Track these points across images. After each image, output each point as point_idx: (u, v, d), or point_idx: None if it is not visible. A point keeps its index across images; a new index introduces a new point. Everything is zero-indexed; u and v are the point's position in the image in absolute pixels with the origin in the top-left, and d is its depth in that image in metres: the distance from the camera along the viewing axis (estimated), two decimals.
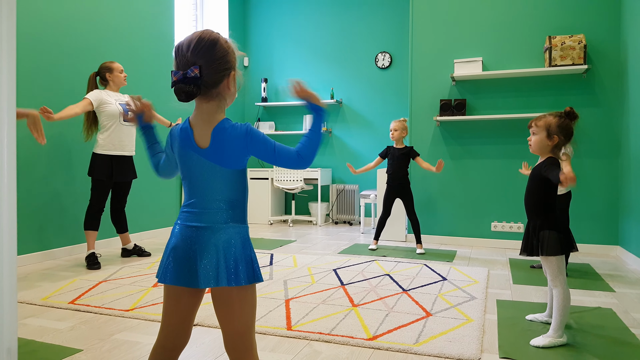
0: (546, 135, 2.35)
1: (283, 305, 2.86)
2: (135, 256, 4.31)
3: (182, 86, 1.26)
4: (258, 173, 6.83)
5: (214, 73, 1.30)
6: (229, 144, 1.31)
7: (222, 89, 1.33)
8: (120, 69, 4.04)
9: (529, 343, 2.28)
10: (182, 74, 1.26)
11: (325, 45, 7.09)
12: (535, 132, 2.37)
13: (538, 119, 2.39)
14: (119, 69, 4.03)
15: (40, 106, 4.02)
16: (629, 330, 2.49)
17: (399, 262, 4.17)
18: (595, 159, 4.72)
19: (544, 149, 2.37)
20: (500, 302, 2.99)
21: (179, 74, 1.27)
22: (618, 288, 3.35)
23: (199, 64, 1.27)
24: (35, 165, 4.01)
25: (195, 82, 1.26)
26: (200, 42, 1.28)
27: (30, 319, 2.63)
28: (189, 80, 1.26)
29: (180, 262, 1.30)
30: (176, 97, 1.29)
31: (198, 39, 1.29)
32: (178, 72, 1.27)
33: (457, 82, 5.16)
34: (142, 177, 5.15)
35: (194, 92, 1.27)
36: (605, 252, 4.68)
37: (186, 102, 1.29)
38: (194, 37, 1.30)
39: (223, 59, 1.31)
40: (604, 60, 4.71)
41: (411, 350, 2.18)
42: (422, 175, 5.26)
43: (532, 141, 2.39)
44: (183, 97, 1.28)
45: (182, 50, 1.29)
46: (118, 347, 2.24)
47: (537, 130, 2.37)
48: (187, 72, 1.26)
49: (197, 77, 1.26)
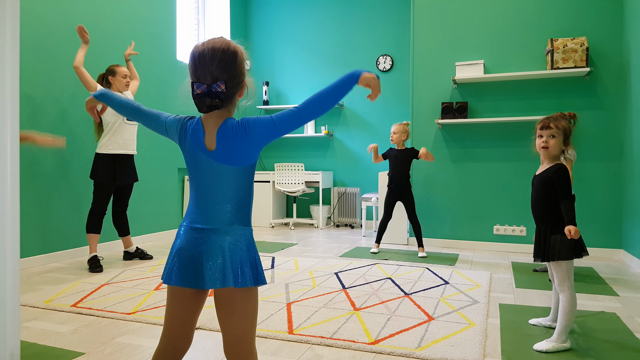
0: (563, 140, 2.33)
1: (284, 308, 2.85)
2: (137, 259, 4.31)
3: (207, 100, 1.28)
4: (260, 176, 6.83)
5: (235, 86, 1.33)
6: (235, 141, 1.32)
7: (236, 97, 1.37)
8: (124, 74, 4.05)
9: (532, 348, 2.27)
10: (206, 87, 1.28)
11: (326, 48, 7.09)
12: (556, 135, 2.32)
13: (557, 121, 2.34)
14: (122, 74, 4.04)
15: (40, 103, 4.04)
16: (633, 334, 2.48)
17: (400, 265, 4.16)
18: (597, 162, 4.71)
19: (557, 154, 2.36)
20: (503, 306, 2.98)
21: (202, 87, 1.28)
22: (622, 292, 3.33)
23: (224, 78, 1.29)
24: (38, 168, 4.01)
25: (220, 96, 1.29)
26: (224, 55, 1.30)
27: (33, 322, 2.62)
28: (214, 95, 1.28)
29: (185, 264, 1.31)
30: (197, 108, 1.31)
31: (222, 52, 1.30)
32: (202, 85, 1.28)
33: (458, 84, 5.15)
34: (144, 180, 5.15)
35: (219, 106, 1.30)
36: (609, 255, 4.66)
37: (206, 113, 1.32)
38: (218, 48, 1.30)
39: (241, 72, 1.35)
40: (606, 62, 4.70)
41: (413, 354, 2.17)
42: (423, 178, 5.26)
43: (551, 144, 2.32)
44: (205, 109, 1.30)
45: (204, 61, 1.29)
46: (120, 350, 2.24)
47: (557, 134, 2.32)
48: (212, 87, 1.28)
49: (223, 92, 1.29)
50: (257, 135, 1.32)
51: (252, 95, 1.42)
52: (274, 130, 1.32)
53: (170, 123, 1.42)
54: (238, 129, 1.32)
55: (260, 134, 1.32)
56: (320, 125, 7.12)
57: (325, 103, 1.33)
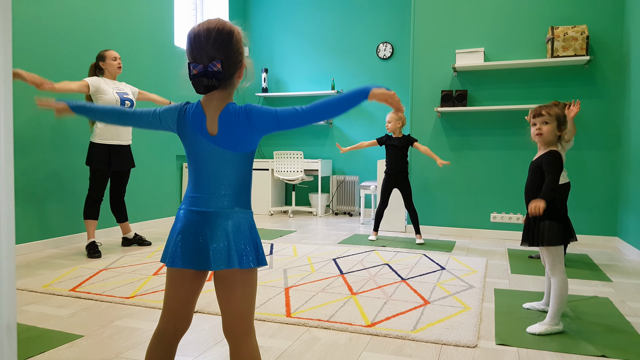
0: (557, 126, 2.34)
1: (283, 293, 2.88)
2: (135, 245, 4.33)
3: (203, 80, 1.28)
4: (259, 164, 6.83)
5: (232, 66, 1.32)
6: (236, 127, 1.32)
7: (235, 78, 1.36)
8: (113, 57, 4.01)
9: (525, 330, 2.30)
10: (202, 67, 1.28)
11: (326, 35, 7.07)
12: (548, 122, 2.34)
13: (549, 107, 2.35)
14: (111, 57, 4.00)
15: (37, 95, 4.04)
16: (624, 318, 2.51)
17: (398, 252, 4.19)
18: (595, 150, 4.72)
19: (552, 140, 2.37)
20: (498, 290, 3.00)
21: (199, 67, 1.28)
22: (615, 278, 3.36)
23: (219, 58, 1.29)
24: (35, 154, 4.02)
25: (216, 76, 1.28)
26: (219, 35, 1.29)
27: (32, 305, 2.65)
28: (211, 74, 1.28)
29: (189, 245, 1.32)
30: (195, 89, 1.31)
31: (217, 32, 1.29)
32: (198, 66, 1.28)
33: (458, 72, 5.15)
34: (142, 166, 5.16)
35: (215, 86, 1.30)
36: (604, 243, 4.69)
37: (204, 94, 1.32)
38: (213, 28, 1.30)
39: (239, 52, 1.34)
40: (606, 51, 4.70)
41: (409, 336, 2.20)
42: (421, 165, 5.27)
43: (545, 130, 2.34)
44: (202, 90, 1.30)
45: (200, 41, 1.29)
46: (119, 333, 2.27)
47: (550, 120, 2.34)
48: (209, 67, 1.28)
49: (219, 71, 1.28)
50: (259, 125, 1.33)
51: (251, 76, 1.42)
52: (276, 125, 1.33)
53: (165, 112, 1.41)
54: (241, 115, 1.32)
55: (262, 124, 1.33)
56: None
57: (330, 112, 1.34)
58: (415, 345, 2.13)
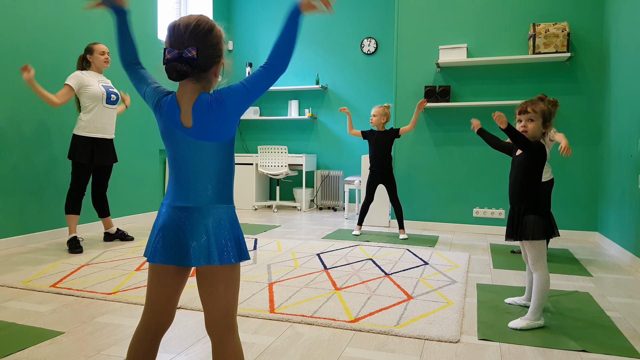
0: (542, 122, 2.36)
1: (266, 288, 2.88)
2: (118, 240, 4.28)
3: (177, 65, 1.27)
4: (243, 158, 6.80)
5: (207, 58, 1.32)
6: (212, 116, 1.30)
7: (211, 74, 1.35)
8: (101, 50, 3.97)
9: (507, 325, 2.33)
10: (177, 52, 1.27)
11: (310, 30, 7.04)
12: (534, 119, 2.35)
13: (534, 104, 2.36)
14: (99, 50, 3.96)
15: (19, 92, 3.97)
16: (604, 313, 2.55)
17: (381, 247, 4.20)
18: (576, 146, 4.79)
19: (537, 137, 2.39)
20: (480, 285, 3.04)
21: (173, 52, 1.27)
22: (595, 273, 3.42)
23: (196, 47, 1.28)
24: (15, 149, 3.95)
25: (190, 62, 1.27)
26: (198, 26, 1.30)
27: (12, 302, 2.61)
28: (184, 60, 1.27)
29: (169, 242, 1.31)
30: (167, 74, 1.29)
31: (196, 23, 1.30)
32: (173, 51, 1.27)
33: (441, 68, 5.17)
34: (124, 161, 5.10)
35: (188, 72, 1.28)
36: (584, 238, 4.77)
37: (176, 81, 1.30)
38: (192, 20, 1.31)
39: (217, 46, 1.34)
40: (586, 48, 4.76)
41: (392, 332, 2.21)
42: (405, 161, 5.29)
43: (530, 128, 2.36)
44: (175, 75, 1.28)
45: (179, 30, 1.30)
46: (100, 329, 2.24)
47: (535, 117, 2.35)
48: (183, 52, 1.27)
49: (193, 58, 1.27)
50: (233, 104, 1.30)
51: (228, 74, 1.41)
52: (247, 95, 1.30)
53: (149, 94, 1.41)
54: (213, 102, 1.30)
55: (235, 102, 1.30)
56: (304, 108, 7.10)
57: (286, 47, 1.31)
58: (398, 341, 2.14)
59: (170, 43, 1.30)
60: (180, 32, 1.29)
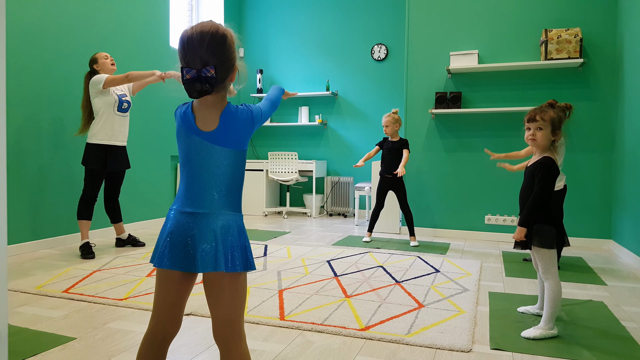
0: (551, 130, 2.33)
1: (276, 295, 2.87)
2: (129, 246, 4.31)
3: (197, 85, 1.27)
4: (253, 165, 6.82)
5: (225, 71, 1.32)
6: (237, 125, 1.34)
7: (227, 82, 1.36)
8: (104, 56, 3.99)
9: (520, 335, 2.30)
10: (196, 72, 1.27)
11: (321, 36, 7.06)
12: (543, 127, 2.31)
13: (543, 112, 2.32)
14: (102, 56, 3.98)
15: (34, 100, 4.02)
16: (619, 322, 2.51)
17: (392, 254, 4.18)
18: (589, 153, 4.74)
19: (546, 145, 2.35)
20: (493, 294, 3.01)
21: (192, 72, 1.27)
22: (610, 281, 3.37)
23: (213, 63, 1.28)
24: (29, 155, 3.99)
25: (210, 81, 1.27)
26: (213, 39, 1.28)
27: (24, 307, 2.63)
28: (204, 80, 1.27)
29: (177, 247, 1.31)
30: (188, 94, 1.30)
31: (211, 36, 1.28)
32: (191, 71, 1.27)
33: (452, 74, 5.15)
34: (137, 167, 5.14)
35: (209, 91, 1.29)
36: (598, 245, 4.71)
37: (197, 98, 1.31)
38: (207, 32, 1.29)
39: (232, 56, 1.34)
40: (599, 54, 4.72)
41: (403, 340, 2.19)
42: (416, 167, 5.27)
43: (539, 136, 2.32)
44: (195, 95, 1.29)
45: (193, 45, 1.28)
46: (111, 335, 2.25)
47: (544, 125, 2.31)
48: (202, 72, 1.26)
49: (213, 77, 1.27)
50: (258, 123, 1.42)
51: (244, 79, 1.42)
52: (260, 121, 1.45)
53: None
54: (244, 113, 1.36)
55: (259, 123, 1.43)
56: (315, 115, 7.11)
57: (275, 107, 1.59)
58: (409, 350, 2.12)
59: (186, 60, 1.29)
60: (194, 47, 1.28)
